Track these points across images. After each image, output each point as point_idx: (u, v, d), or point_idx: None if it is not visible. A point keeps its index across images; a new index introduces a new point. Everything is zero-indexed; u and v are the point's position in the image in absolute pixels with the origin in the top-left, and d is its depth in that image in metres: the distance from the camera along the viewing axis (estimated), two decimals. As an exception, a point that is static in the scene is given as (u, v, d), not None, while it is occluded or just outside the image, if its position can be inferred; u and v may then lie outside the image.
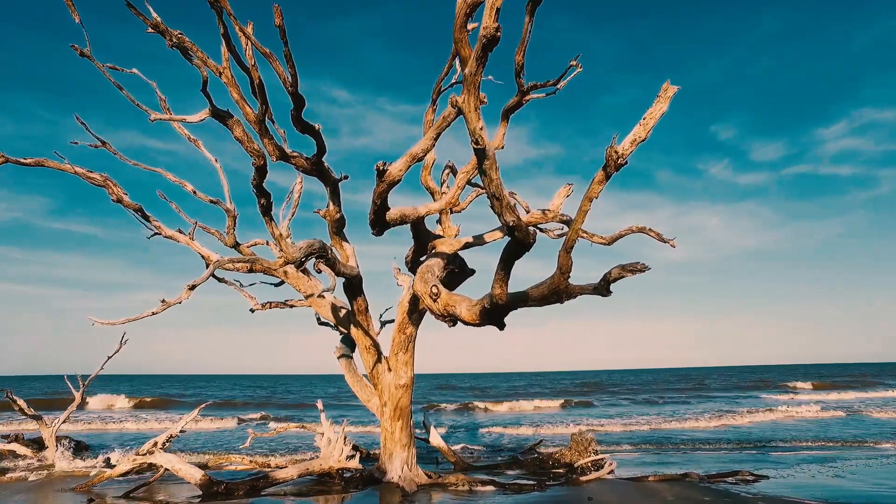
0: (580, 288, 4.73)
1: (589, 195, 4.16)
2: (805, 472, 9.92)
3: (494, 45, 3.45)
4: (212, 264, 6.12)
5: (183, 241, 9.17)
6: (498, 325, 5.29)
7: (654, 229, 7.51)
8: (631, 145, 4.11)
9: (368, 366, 9.10)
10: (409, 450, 9.14)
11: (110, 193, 8.31)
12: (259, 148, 5.86)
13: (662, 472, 9.57)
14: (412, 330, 8.99)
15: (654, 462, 11.80)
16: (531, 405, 29.64)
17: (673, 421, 20.44)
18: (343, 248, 8.48)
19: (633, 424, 19.87)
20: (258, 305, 11.11)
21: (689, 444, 14.92)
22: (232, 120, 5.75)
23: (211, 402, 16.29)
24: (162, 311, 5.91)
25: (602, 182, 4.10)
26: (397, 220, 6.78)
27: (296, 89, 5.76)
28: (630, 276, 4.38)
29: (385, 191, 6.20)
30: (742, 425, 19.34)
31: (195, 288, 6.00)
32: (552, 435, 17.12)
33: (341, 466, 10.06)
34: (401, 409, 9.03)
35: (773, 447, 13.98)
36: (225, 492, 8.47)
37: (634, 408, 28.72)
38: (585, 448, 10.97)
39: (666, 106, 4.21)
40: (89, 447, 13.93)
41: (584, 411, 27.26)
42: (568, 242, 4.39)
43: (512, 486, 8.90)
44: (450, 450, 11.80)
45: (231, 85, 6.51)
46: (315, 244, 6.96)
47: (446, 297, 5.91)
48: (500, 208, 4.05)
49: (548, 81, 6.03)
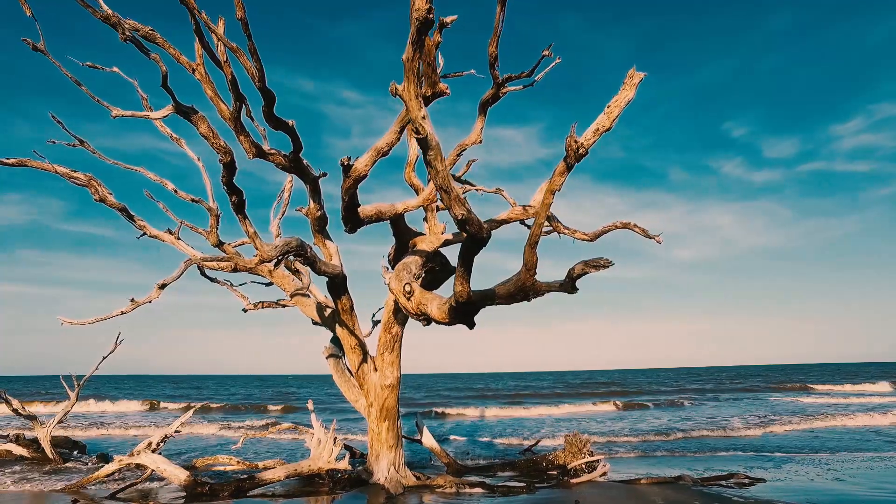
0: (547, 285, 4.56)
1: (550, 188, 4.00)
2: (804, 475, 9.64)
3: (429, 27, 3.30)
4: (184, 263, 6.04)
5: (168, 240, 9.12)
6: (467, 324, 5.14)
7: (638, 225, 7.31)
8: (594, 135, 3.94)
9: (354, 366, 8.99)
10: (395, 451, 9.01)
11: (93, 193, 8.28)
12: (225, 144, 5.76)
13: (657, 475, 9.36)
14: (398, 329, 8.87)
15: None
16: (555, 408, 28.56)
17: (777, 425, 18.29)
18: (326, 246, 8.37)
19: (739, 429, 17.48)
20: (250, 305, 11.07)
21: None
22: (196, 116, 5.67)
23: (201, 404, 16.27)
24: (131, 310, 5.84)
25: (563, 174, 3.93)
26: (373, 217, 6.65)
27: (263, 84, 5.65)
28: (594, 271, 4.21)
29: (352, 186, 6.07)
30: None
31: (165, 287, 5.93)
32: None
33: (331, 467, 9.96)
34: (387, 409, 8.91)
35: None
36: (209, 493, 8.41)
37: (700, 409, 25.68)
38: (580, 449, 10.77)
39: (632, 94, 4.03)
40: (86, 447, 13.94)
41: (650, 414, 24.44)
42: (532, 237, 4.23)
43: (500, 489, 8.75)
44: (443, 451, 11.65)
45: (205, 82, 6.42)
46: (292, 242, 6.86)
47: (419, 295, 5.77)
48: (448, 201, 3.89)
49: (522, 73, 5.87)
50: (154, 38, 5.88)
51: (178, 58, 6.16)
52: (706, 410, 25.05)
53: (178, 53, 6.17)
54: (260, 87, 5.67)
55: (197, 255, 6.19)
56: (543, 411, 26.30)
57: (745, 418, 20.57)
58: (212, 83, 6.48)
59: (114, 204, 8.58)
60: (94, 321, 5.74)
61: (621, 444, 15.07)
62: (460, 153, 7.63)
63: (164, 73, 5.53)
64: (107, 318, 5.76)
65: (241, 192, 6.24)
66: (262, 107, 6.14)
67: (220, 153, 5.72)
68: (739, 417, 20.95)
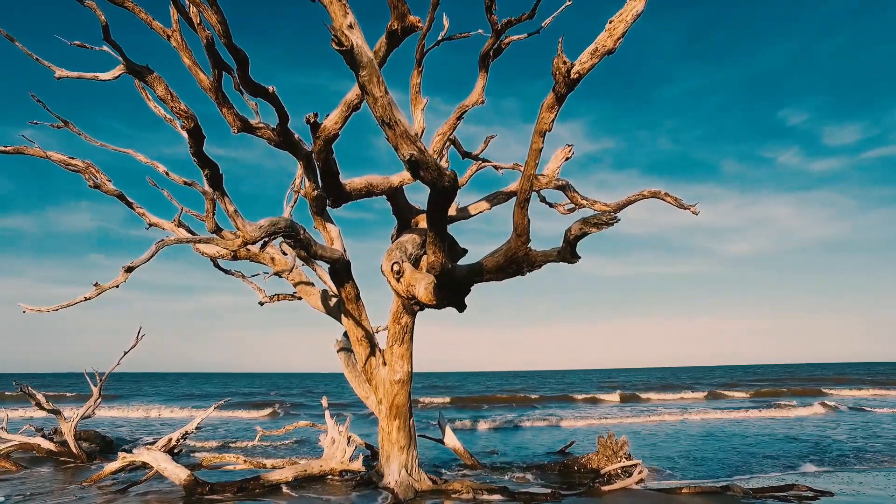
0: (543, 254, 3.72)
1: (539, 128, 3.17)
2: (878, 488, 8.33)
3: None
4: (155, 244, 5.51)
5: (168, 227, 8.72)
6: (456, 306, 4.35)
7: (670, 194, 6.29)
8: (591, 57, 3.08)
9: (361, 359, 8.33)
10: (408, 452, 8.30)
11: (87, 179, 7.93)
12: (187, 109, 5.18)
13: (701, 483, 8.28)
14: (408, 319, 8.14)
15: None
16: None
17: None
18: (327, 229, 7.74)
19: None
20: (266, 298, 10.62)
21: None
22: (152, 76, 5.11)
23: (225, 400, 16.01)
24: (96, 295, 5.36)
25: (553, 108, 3.09)
26: (362, 191, 5.95)
27: (229, 41, 5.04)
28: (595, 231, 3.34)
29: (322, 148, 5.37)
30: None
31: (133, 270, 5.41)
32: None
33: (343, 468, 9.38)
34: (397, 407, 8.20)
35: None
36: (210, 493, 7.94)
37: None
38: (615, 453, 9.77)
39: (641, 5, 3.15)
40: (113, 443, 13.91)
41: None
42: (521, 195, 3.40)
43: (522, 496, 7.90)
44: (466, 452, 10.89)
45: (182, 49, 5.88)
46: (280, 223, 6.25)
47: (409, 275, 5.02)
48: (393, 139, 3.10)
49: (522, 15, 5.02)
50: (123, 2, 5.36)
51: (150, 23, 5.66)
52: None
53: (150, 18, 5.65)
54: (226, 43, 5.06)
55: (171, 238, 5.65)
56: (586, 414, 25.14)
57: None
58: (189, 51, 5.95)
59: (110, 191, 8.22)
60: (57, 308, 5.30)
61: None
62: (461, 116, 6.81)
63: (104, 24, 4.99)
64: (70, 305, 5.30)
65: (216, 164, 5.65)
66: (236, 69, 5.54)
67: (182, 118, 5.14)
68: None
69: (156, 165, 7.71)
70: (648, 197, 6.58)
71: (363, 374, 8.47)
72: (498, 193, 6.91)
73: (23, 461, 11.57)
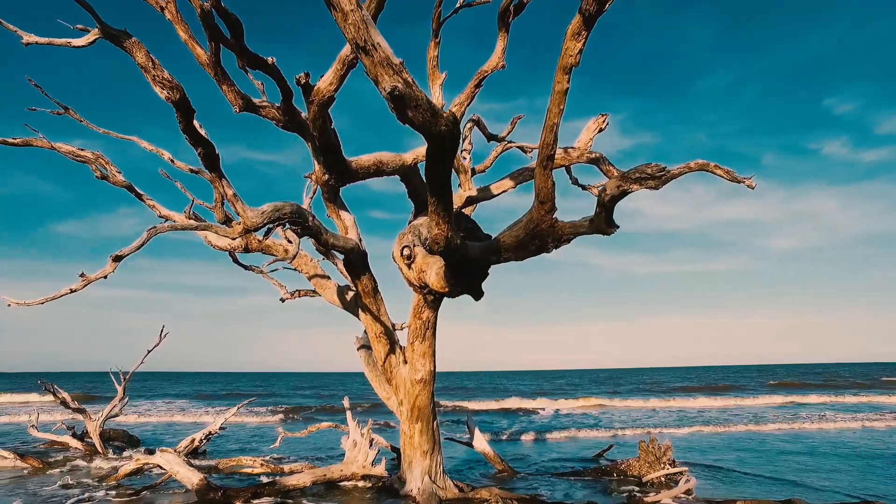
0: (572, 226, 3.06)
1: (563, 63, 2.50)
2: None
3: None
4: (146, 232, 5.07)
5: (179, 219, 8.35)
6: (472, 293, 3.73)
7: (721, 166, 5.47)
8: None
9: (381, 357, 7.77)
10: (431, 457, 7.71)
11: (94, 170, 7.62)
12: (171, 78, 4.70)
13: (764, 498, 7.41)
14: (429, 314, 7.54)
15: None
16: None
17: None
18: (340, 217, 7.21)
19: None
20: (287, 294, 10.21)
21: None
22: (131, 41, 4.64)
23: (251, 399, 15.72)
24: (82, 287, 4.94)
25: (580, 35, 2.41)
26: (371, 169, 5.37)
27: (217, 3, 4.53)
28: (637, 188, 2.66)
29: (318, 115, 4.80)
30: None
31: (121, 259, 4.97)
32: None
33: (365, 473, 8.85)
34: (419, 408, 7.62)
35: None
36: (222, 498, 7.52)
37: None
38: (657, 458, 8.96)
39: None
40: (140, 441, 13.80)
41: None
42: (543, 150, 2.75)
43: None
44: (496, 456, 10.22)
45: (177, 22, 5.44)
46: (285, 208, 5.73)
47: (421, 260, 4.42)
48: (372, 68, 2.45)
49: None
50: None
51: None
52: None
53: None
54: (214, 4, 4.55)
55: (164, 225, 5.20)
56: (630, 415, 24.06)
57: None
58: (185, 24, 5.50)
59: (119, 182, 7.90)
60: (42, 301, 4.91)
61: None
62: (480, 82, 6.14)
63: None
64: (55, 298, 4.91)
65: (210, 143, 5.17)
66: (230, 37, 5.04)
67: (165, 89, 4.65)
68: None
69: (160, 153, 7.34)
70: (695, 169, 5.78)
71: (383, 371, 7.92)
72: (524, 170, 6.24)
73: (48, 459, 11.47)
